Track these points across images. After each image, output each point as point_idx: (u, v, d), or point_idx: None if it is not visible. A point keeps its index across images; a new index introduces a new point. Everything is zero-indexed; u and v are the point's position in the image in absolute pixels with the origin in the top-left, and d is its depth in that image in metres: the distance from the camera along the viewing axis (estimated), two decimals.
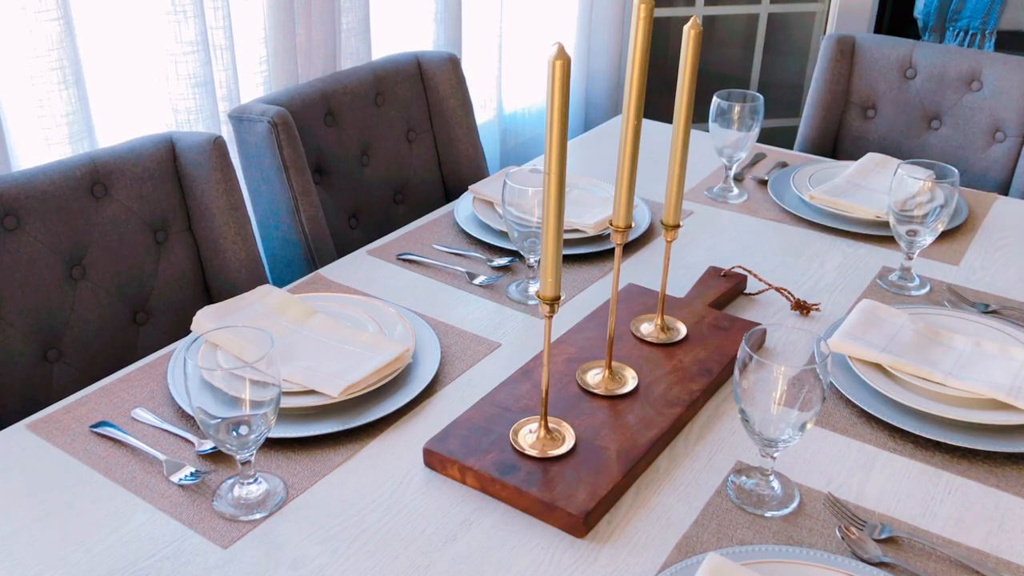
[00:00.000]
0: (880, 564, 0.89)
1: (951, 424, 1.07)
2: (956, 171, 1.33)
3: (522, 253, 1.34)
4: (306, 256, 1.60)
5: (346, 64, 1.88)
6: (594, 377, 1.13)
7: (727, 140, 1.67)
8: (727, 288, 1.36)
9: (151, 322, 1.42)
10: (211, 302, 1.48)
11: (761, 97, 1.65)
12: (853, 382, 1.15)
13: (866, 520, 0.95)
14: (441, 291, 1.37)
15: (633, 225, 1.21)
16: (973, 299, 1.37)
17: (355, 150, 1.76)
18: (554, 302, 0.94)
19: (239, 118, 1.55)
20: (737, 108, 1.64)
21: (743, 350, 0.91)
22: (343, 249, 1.67)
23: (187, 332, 1.23)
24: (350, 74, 1.75)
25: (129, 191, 1.37)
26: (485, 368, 1.20)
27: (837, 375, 1.16)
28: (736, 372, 0.92)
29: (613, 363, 1.15)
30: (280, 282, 1.61)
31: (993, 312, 1.33)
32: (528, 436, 1.02)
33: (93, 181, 1.33)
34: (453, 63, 1.88)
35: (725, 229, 1.60)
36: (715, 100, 1.65)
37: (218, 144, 1.39)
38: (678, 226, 1.17)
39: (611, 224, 1.07)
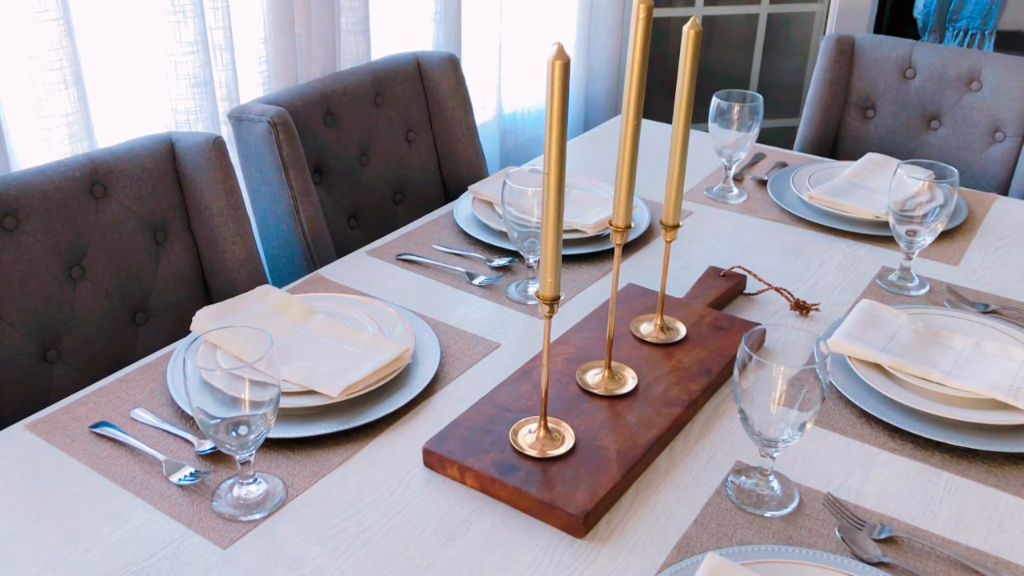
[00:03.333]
0: (879, 564, 0.89)
1: (951, 424, 1.07)
2: (956, 171, 1.33)
3: (522, 253, 1.34)
4: (306, 256, 1.60)
5: (346, 64, 1.88)
6: (594, 377, 1.13)
7: (727, 140, 1.67)
8: (727, 288, 1.36)
9: (151, 322, 1.42)
10: (211, 302, 1.48)
11: (761, 97, 1.65)
12: (853, 382, 1.15)
13: (865, 520, 0.95)
14: (441, 291, 1.37)
15: (633, 225, 1.21)
16: (972, 299, 1.37)
17: (355, 150, 1.77)
18: (554, 302, 0.94)
19: (238, 118, 1.55)
20: (737, 108, 1.64)
21: (743, 350, 0.91)
22: (343, 249, 1.67)
23: (187, 332, 1.23)
24: (350, 74, 1.75)
25: (128, 191, 1.37)
26: (485, 368, 1.20)
27: (837, 375, 1.16)
28: (736, 372, 0.92)
29: (613, 363, 1.15)
30: (280, 282, 1.61)
31: (993, 312, 1.33)
32: (528, 436, 1.02)
33: (92, 181, 1.33)
34: (453, 63, 1.88)
35: (725, 229, 1.60)
36: (715, 100, 1.65)
37: (218, 144, 1.39)
38: (678, 226, 1.17)
39: (611, 224, 1.07)
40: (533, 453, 1.00)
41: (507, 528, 0.94)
